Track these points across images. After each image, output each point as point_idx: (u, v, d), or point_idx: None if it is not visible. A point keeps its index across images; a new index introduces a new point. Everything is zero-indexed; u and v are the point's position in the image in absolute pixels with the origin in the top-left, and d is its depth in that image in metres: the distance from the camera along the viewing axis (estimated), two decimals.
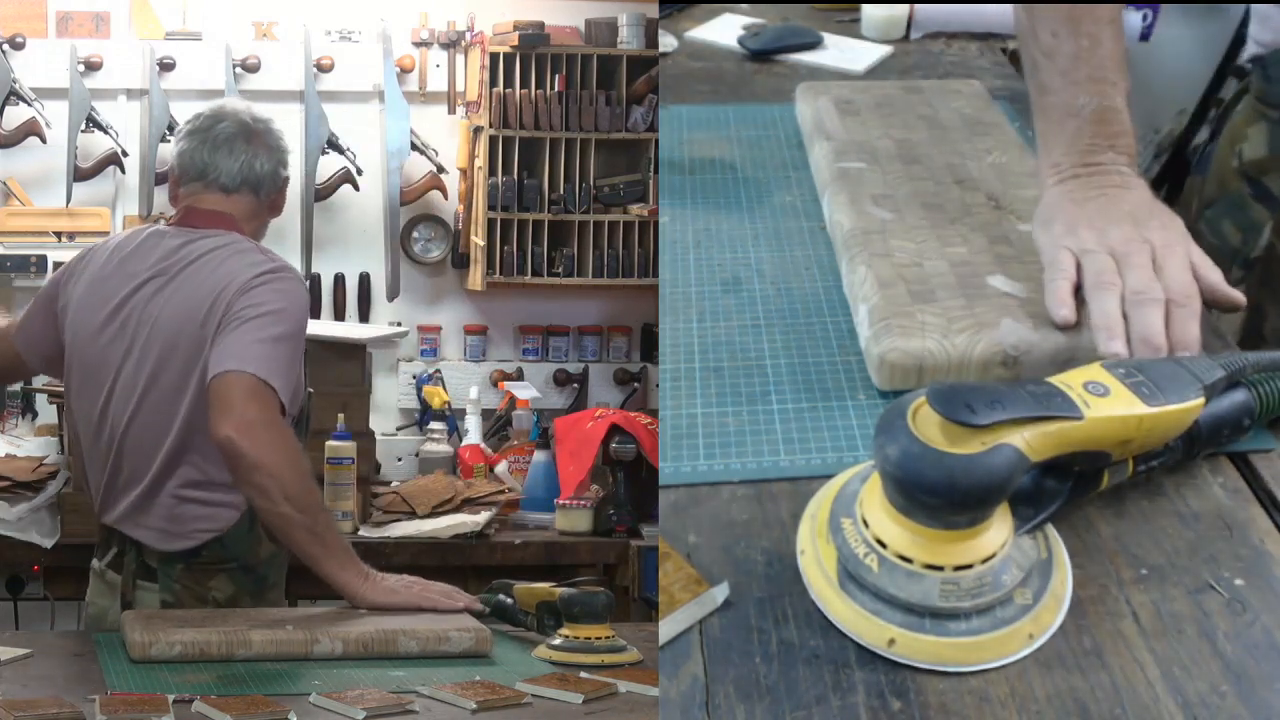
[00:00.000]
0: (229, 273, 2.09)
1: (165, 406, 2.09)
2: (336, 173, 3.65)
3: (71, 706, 1.50)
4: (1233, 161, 2.20)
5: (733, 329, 1.65)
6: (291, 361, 2.06)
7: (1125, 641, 1.15)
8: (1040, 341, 1.48)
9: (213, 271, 2.10)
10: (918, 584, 1.15)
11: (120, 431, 2.12)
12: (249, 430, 1.96)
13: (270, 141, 2.23)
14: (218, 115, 2.22)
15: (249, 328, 2.04)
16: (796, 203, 1.99)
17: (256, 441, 1.96)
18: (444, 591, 1.99)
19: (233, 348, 2.02)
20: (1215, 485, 1.36)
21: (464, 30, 3.71)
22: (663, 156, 2.16)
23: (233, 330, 2.04)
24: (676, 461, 1.41)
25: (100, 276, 2.18)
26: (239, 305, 2.06)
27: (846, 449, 1.42)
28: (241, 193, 2.19)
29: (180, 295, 2.11)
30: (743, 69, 2.63)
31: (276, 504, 1.97)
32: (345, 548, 2.02)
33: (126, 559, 2.14)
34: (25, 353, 2.27)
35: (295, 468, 1.99)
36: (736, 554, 1.27)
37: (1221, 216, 2.18)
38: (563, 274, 3.69)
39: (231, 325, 2.04)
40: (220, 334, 2.04)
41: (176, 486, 2.10)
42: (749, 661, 1.14)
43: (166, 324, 2.10)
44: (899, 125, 2.11)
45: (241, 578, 2.14)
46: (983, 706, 1.10)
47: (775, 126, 2.27)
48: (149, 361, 2.10)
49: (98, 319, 2.15)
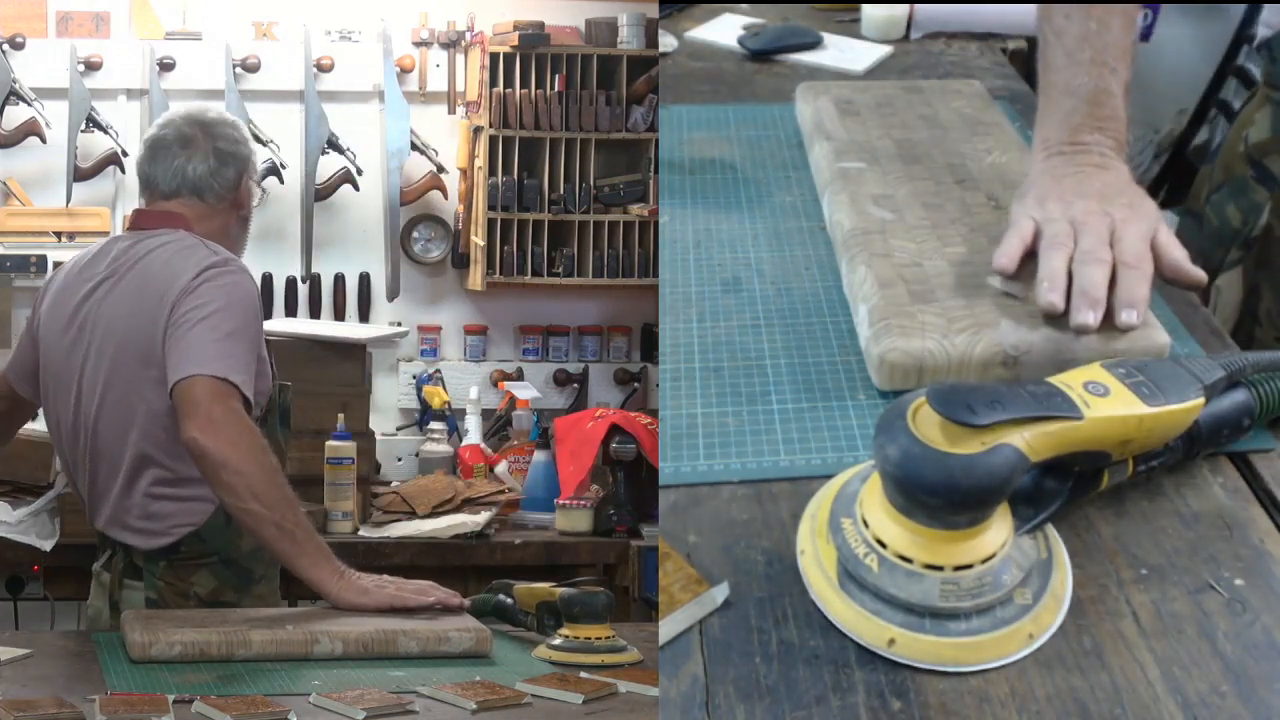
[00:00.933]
0: (173, 271, 2.11)
1: (126, 405, 2.12)
2: (336, 173, 3.65)
3: (71, 706, 1.50)
4: (1240, 146, 2.21)
5: (733, 329, 1.65)
6: (248, 354, 2.07)
7: (1125, 641, 1.15)
8: (1040, 341, 1.48)
9: (159, 269, 2.13)
10: (918, 584, 1.15)
11: (90, 434, 2.15)
12: (213, 429, 1.97)
13: (210, 145, 2.23)
14: (160, 124, 2.27)
15: (201, 329, 2.05)
16: (796, 203, 1.99)
17: (220, 439, 1.97)
18: (418, 589, 1.97)
19: (190, 351, 2.03)
20: (1215, 485, 1.36)
21: (464, 30, 3.71)
22: (663, 156, 2.16)
23: (186, 333, 2.05)
24: (676, 461, 1.41)
25: (63, 286, 2.22)
26: (186, 306, 2.07)
27: (846, 449, 1.42)
28: (182, 196, 2.22)
29: (129, 294, 2.14)
30: (743, 69, 2.63)
31: (244, 500, 1.97)
32: (319, 545, 2.01)
33: (115, 559, 2.16)
34: (17, 384, 2.30)
35: (261, 465, 1.99)
36: (736, 554, 1.27)
37: (1225, 200, 2.20)
38: (563, 274, 3.69)
39: (183, 328, 2.05)
40: (173, 337, 2.06)
41: (149, 485, 2.12)
42: (749, 661, 1.14)
43: (118, 323, 2.13)
44: (899, 125, 2.11)
45: (224, 572, 2.15)
46: (983, 706, 1.10)
47: (775, 126, 2.27)
48: (105, 361, 2.13)
49: (60, 326, 2.19)
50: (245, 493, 1.97)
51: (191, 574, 2.13)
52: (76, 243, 3.55)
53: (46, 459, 2.95)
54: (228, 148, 2.24)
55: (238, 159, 2.26)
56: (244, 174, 2.26)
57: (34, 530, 2.93)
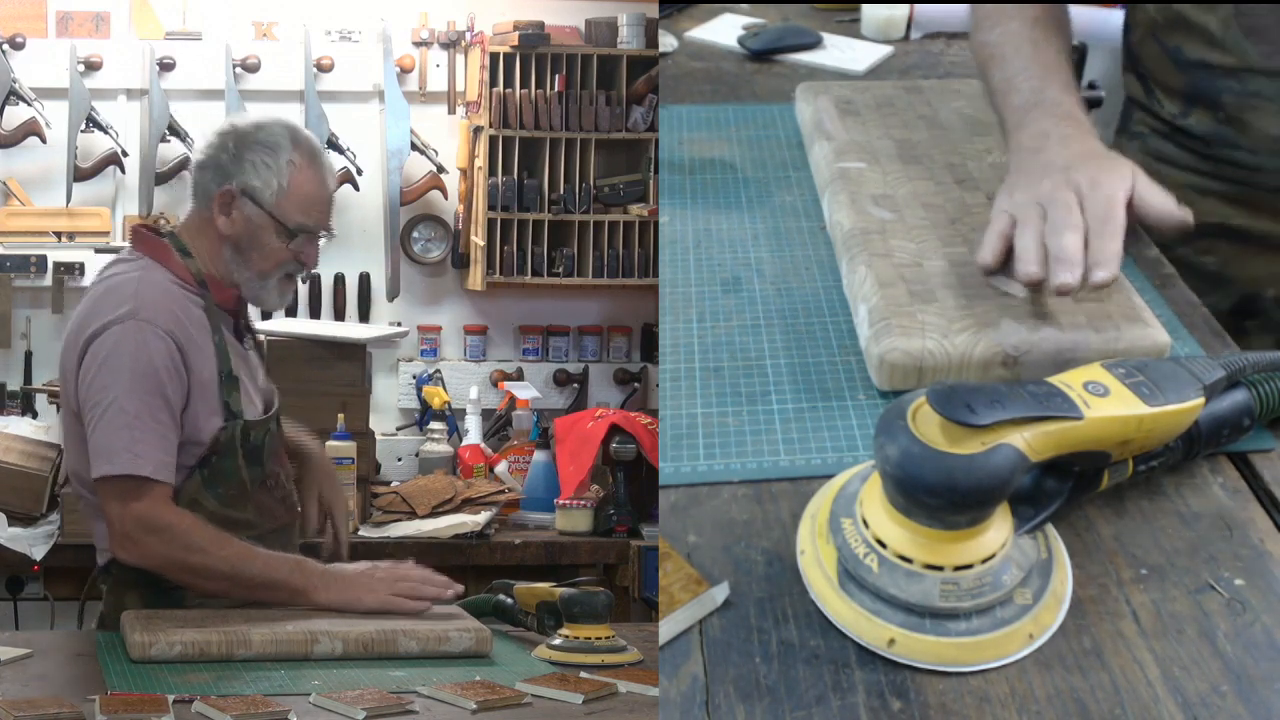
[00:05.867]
0: (74, 328, 2.04)
1: (67, 422, 2.09)
2: (337, 173, 3.65)
3: (71, 706, 1.50)
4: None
5: (733, 329, 1.65)
6: (161, 429, 1.97)
7: (1125, 641, 1.16)
8: (1040, 341, 1.48)
9: (76, 317, 2.06)
10: (918, 584, 1.15)
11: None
12: (130, 546, 1.97)
13: (201, 148, 2.13)
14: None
15: (105, 421, 1.96)
16: (796, 203, 1.98)
17: (143, 553, 1.97)
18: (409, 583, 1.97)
19: (99, 446, 1.97)
20: (1215, 485, 1.36)
21: (464, 30, 3.71)
22: (663, 156, 2.16)
23: (94, 425, 1.98)
24: (676, 461, 1.41)
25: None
26: (85, 394, 1.99)
27: (846, 449, 1.42)
28: (192, 202, 2.13)
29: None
30: (743, 69, 2.63)
31: (202, 582, 1.98)
32: (289, 573, 1.98)
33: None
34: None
35: (187, 553, 1.96)
36: (736, 554, 1.27)
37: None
38: (563, 274, 3.69)
39: (91, 418, 1.98)
40: (87, 420, 1.99)
41: (84, 505, 2.11)
42: (749, 661, 1.14)
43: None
44: (899, 125, 2.11)
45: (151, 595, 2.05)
46: (983, 706, 1.10)
47: (775, 126, 2.27)
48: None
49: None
50: (193, 579, 1.98)
51: (125, 593, 2.05)
52: (76, 243, 3.55)
53: (39, 490, 2.96)
54: (207, 153, 2.10)
55: (213, 167, 2.08)
56: (225, 186, 2.06)
57: (26, 540, 2.94)
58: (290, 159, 2.07)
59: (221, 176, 2.07)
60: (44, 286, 3.56)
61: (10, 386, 3.56)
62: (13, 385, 3.56)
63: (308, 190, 2.09)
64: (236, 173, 2.06)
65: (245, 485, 2.07)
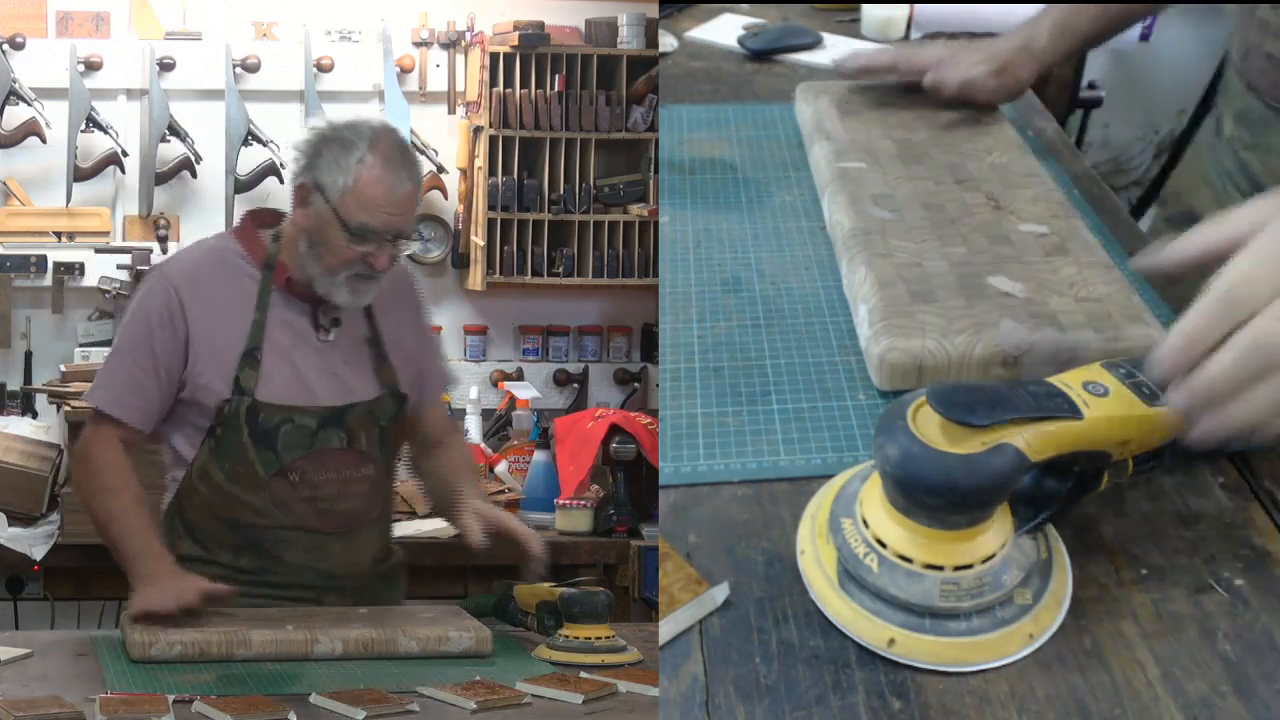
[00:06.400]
0: None
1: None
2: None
3: (71, 706, 1.50)
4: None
5: (733, 329, 1.65)
6: (130, 371, 2.10)
7: (1125, 641, 1.15)
8: (1040, 341, 1.48)
9: None
10: (918, 584, 1.15)
11: None
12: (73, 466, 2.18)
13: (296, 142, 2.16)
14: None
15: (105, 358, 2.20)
16: (796, 203, 1.98)
17: (73, 477, 2.14)
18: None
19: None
20: (1215, 485, 1.36)
21: (464, 30, 3.71)
22: (663, 156, 2.16)
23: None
24: (676, 461, 1.41)
25: None
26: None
27: (846, 449, 1.42)
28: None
29: None
30: (743, 69, 2.63)
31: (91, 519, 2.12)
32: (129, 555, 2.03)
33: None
34: None
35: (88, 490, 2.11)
36: (736, 554, 1.27)
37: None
38: (563, 274, 3.69)
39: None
40: None
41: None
42: (749, 661, 1.14)
43: None
44: (899, 125, 2.11)
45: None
46: (983, 706, 1.10)
47: (775, 126, 2.27)
48: None
49: None
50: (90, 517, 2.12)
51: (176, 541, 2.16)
52: (76, 243, 3.55)
53: (39, 490, 2.97)
54: (302, 148, 2.11)
55: (301, 161, 2.10)
56: (302, 179, 2.09)
57: (26, 540, 2.94)
58: (361, 158, 2.06)
59: (302, 170, 2.11)
60: (44, 286, 3.57)
61: (10, 386, 3.56)
62: (13, 385, 3.56)
63: (374, 191, 2.06)
64: (313, 167, 2.08)
65: (255, 468, 2.07)
